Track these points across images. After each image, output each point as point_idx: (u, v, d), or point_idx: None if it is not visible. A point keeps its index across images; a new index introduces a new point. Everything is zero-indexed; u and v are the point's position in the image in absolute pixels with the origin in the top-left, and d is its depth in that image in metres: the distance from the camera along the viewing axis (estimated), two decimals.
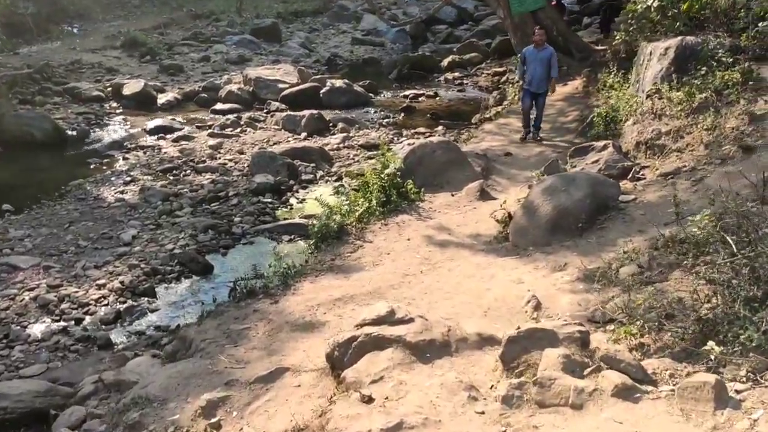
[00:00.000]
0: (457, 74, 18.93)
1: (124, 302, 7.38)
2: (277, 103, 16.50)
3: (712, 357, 3.52)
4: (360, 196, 8.10)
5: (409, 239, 7.02)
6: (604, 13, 19.03)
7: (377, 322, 4.44)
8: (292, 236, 8.99)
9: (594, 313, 4.54)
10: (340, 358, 4.29)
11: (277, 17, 27.87)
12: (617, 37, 10.82)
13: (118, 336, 6.81)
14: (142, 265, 8.08)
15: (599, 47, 14.95)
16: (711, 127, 6.81)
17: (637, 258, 5.01)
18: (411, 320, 4.41)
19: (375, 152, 12.40)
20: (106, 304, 7.33)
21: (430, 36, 25.94)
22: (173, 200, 10.28)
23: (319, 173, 11.68)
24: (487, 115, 13.63)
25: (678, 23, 8.09)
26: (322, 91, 16.71)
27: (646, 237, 5.45)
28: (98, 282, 7.70)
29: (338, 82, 16.86)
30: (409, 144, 8.82)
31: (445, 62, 19.95)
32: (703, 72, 7.32)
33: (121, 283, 7.66)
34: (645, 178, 6.85)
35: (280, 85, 17.32)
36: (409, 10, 29.17)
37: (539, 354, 3.77)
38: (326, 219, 7.35)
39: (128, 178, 11.33)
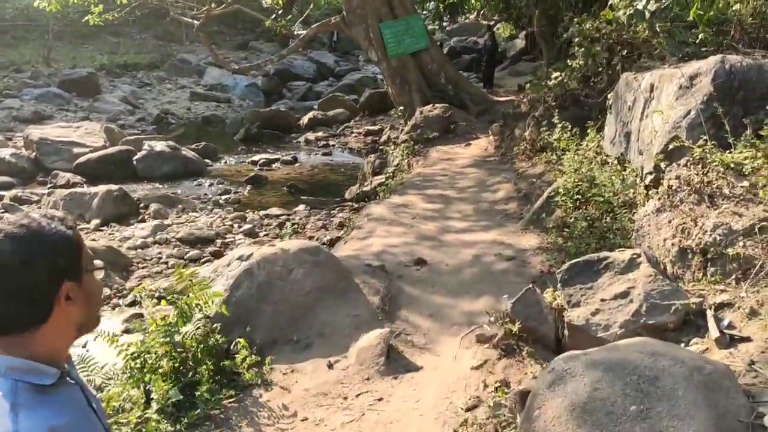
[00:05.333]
0: (320, 134, 15.17)
1: None
2: (68, 175, 11.59)
3: None
4: (131, 384, 3.66)
5: None
6: (487, 64, 16.70)
7: None
8: None
9: None
10: None
11: (99, 69, 22.72)
12: (554, 75, 7.47)
13: None
14: None
15: (501, 98, 11.93)
16: None
17: None
18: None
19: (200, 249, 8.06)
20: None
21: (287, 92, 22.28)
22: None
23: (104, 293, 6.99)
24: (367, 187, 9.84)
25: (705, 36, 4.72)
26: (136, 157, 12.07)
27: None
28: None
29: (160, 145, 12.28)
30: (238, 259, 4.50)
31: (305, 119, 16.21)
32: None
33: None
34: (750, 340, 3.16)
35: (77, 150, 12.47)
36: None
37: None
38: None
39: None
